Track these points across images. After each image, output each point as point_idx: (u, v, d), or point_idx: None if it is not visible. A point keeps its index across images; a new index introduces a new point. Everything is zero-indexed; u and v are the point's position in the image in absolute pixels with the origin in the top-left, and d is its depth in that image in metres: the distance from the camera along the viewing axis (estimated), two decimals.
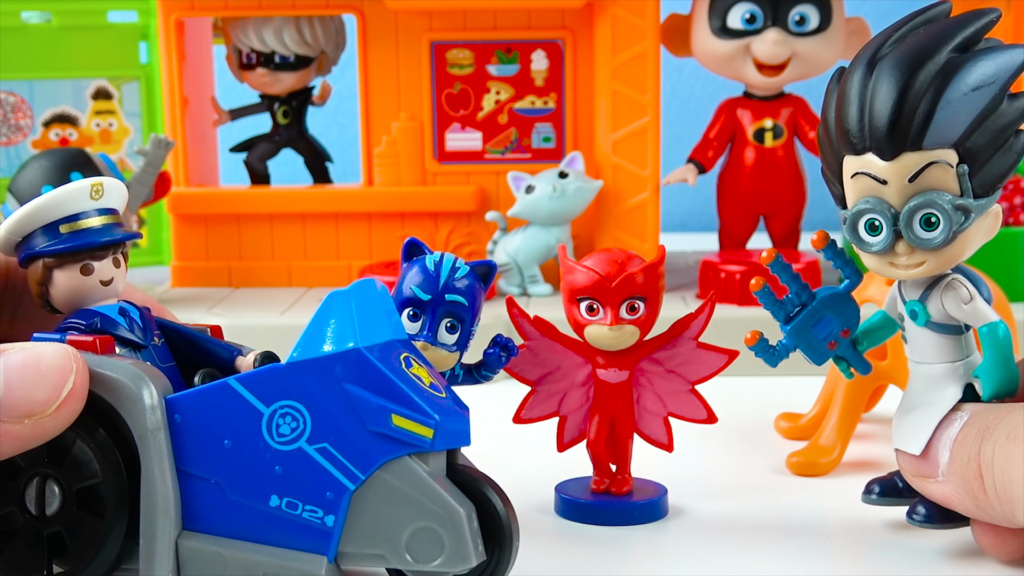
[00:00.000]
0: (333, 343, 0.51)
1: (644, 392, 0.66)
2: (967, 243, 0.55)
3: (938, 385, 0.58)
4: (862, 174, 0.55)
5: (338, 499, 0.51)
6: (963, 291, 0.56)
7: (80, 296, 0.55)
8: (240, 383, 0.52)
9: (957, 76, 0.53)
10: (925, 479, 0.57)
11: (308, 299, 1.06)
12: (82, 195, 0.54)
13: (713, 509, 0.67)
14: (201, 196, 1.12)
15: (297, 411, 0.51)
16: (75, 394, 0.51)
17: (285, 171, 1.24)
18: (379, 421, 0.50)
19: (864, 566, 0.60)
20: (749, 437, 0.79)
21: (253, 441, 0.52)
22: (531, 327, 0.66)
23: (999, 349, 0.56)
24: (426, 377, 0.53)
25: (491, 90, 1.09)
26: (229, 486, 0.52)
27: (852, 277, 0.60)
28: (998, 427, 0.54)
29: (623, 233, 1.05)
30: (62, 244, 0.54)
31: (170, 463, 0.52)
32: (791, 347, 0.60)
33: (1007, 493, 0.53)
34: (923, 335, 0.58)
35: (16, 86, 1.20)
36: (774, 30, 1.03)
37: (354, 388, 0.51)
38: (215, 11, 1.09)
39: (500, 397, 0.70)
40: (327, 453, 0.51)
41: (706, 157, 1.09)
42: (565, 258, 0.65)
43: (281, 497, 0.52)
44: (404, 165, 1.09)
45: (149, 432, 0.52)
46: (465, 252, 1.09)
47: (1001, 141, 0.54)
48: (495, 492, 0.53)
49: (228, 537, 0.52)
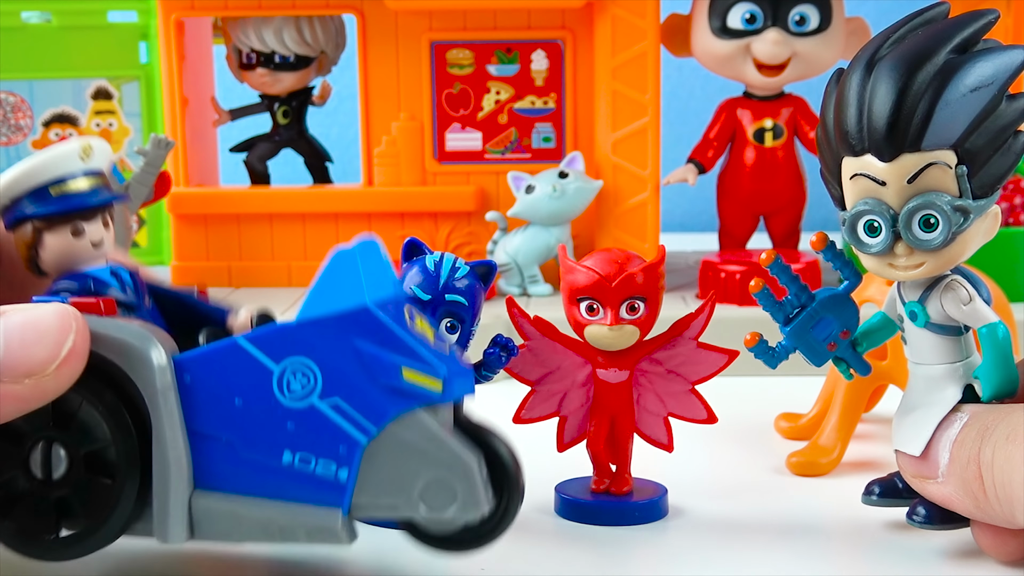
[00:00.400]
0: (342, 300, 0.51)
1: (644, 392, 0.66)
2: (966, 244, 0.55)
3: (938, 386, 0.58)
4: (861, 175, 0.55)
5: (351, 453, 0.51)
6: (962, 292, 0.56)
7: (71, 258, 0.55)
8: (250, 342, 0.52)
9: (956, 77, 0.53)
10: (925, 480, 0.57)
11: None
12: (72, 157, 0.54)
13: (713, 509, 0.67)
14: (201, 196, 1.12)
15: (308, 368, 0.51)
16: (75, 353, 0.51)
17: (285, 171, 1.24)
18: (390, 375, 0.51)
19: (864, 566, 0.60)
20: (749, 437, 0.79)
21: (264, 398, 0.52)
22: (531, 327, 0.66)
23: (998, 350, 0.56)
24: (429, 331, 0.54)
25: (491, 90, 1.09)
26: (241, 444, 0.52)
27: (851, 278, 0.60)
28: (998, 428, 0.54)
29: (623, 233, 1.05)
30: (53, 206, 0.54)
31: (181, 423, 0.52)
32: (791, 348, 0.60)
33: (1007, 494, 0.53)
34: (923, 336, 0.58)
35: (16, 86, 1.20)
36: (774, 30, 1.03)
37: (364, 343, 0.51)
38: (215, 11, 1.10)
39: (500, 397, 0.70)
40: (339, 408, 0.51)
41: (706, 157, 1.09)
42: (565, 258, 0.65)
43: (294, 453, 0.52)
44: (404, 165, 1.09)
45: (159, 393, 0.52)
46: (465, 252, 1.09)
47: (1000, 142, 0.54)
48: (499, 441, 0.54)
49: (241, 495, 0.53)
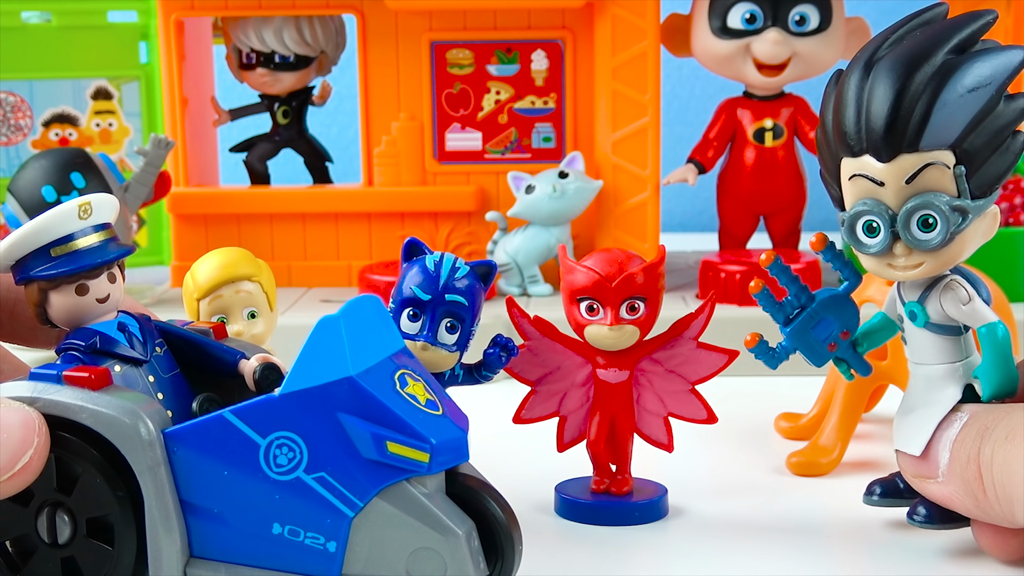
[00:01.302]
0: (325, 372, 0.51)
1: (644, 392, 0.66)
2: (965, 244, 0.55)
3: (938, 386, 0.58)
4: (859, 176, 0.55)
5: (338, 526, 0.52)
6: (962, 292, 0.56)
7: (78, 315, 0.55)
8: (236, 415, 0.52)
9: (954, 78, 0.53)
10: (925, 480, 0.57)
11: (308, 299, 1.06)
12: (70, 217, 0.54)
13: (713, 509, 0.67)
14: (201, 196, 1.12)
15: (293, 442, 0.51)
16: (30, 467, 0.51)
17: (285, 171, 1.24)
18: (374, 450, 0.51)
19: (864, 566, 0.60)
20: (749, 437, 0.79)
21: (252, 472, 0.52)
22: (531, 327, 0.66)
23: (998, 349, 0.56)
24: (422, 394, 0.53)
25: (491, 90, 1.09)
26: (231, 515, 0.52)
27: (851, 279, 0.60)
28: (997, 427, 0.54)
29: (623, 233, 1.05)
30: (54, 269, 0.54)
31: (172, 496, 0.52)
32: (791, 349, 0.60)
33: (1006, 493, 0.53)
34: (922, 336, 0.58)
35: (16, 86, 1.20)
36: (774, 30, 1.03)
37: (348, 417, 0.51)
38: (215, 11, 1.10)
39: (500, 397, 0.70)
40: (325, 482, 0.51)
41: (706, 157, 1.09)
42: (565, 258, 0.65)
43: (283, 524, 0.52)
44: (404, 165, 1.09)
45: (148, 469, 0.52)
46: (465, 252, 1.09)
47: (998, 142, 0.54)
48: (494, 501, 0.53)
49: (236, 563, 0.53)
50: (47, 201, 0.93)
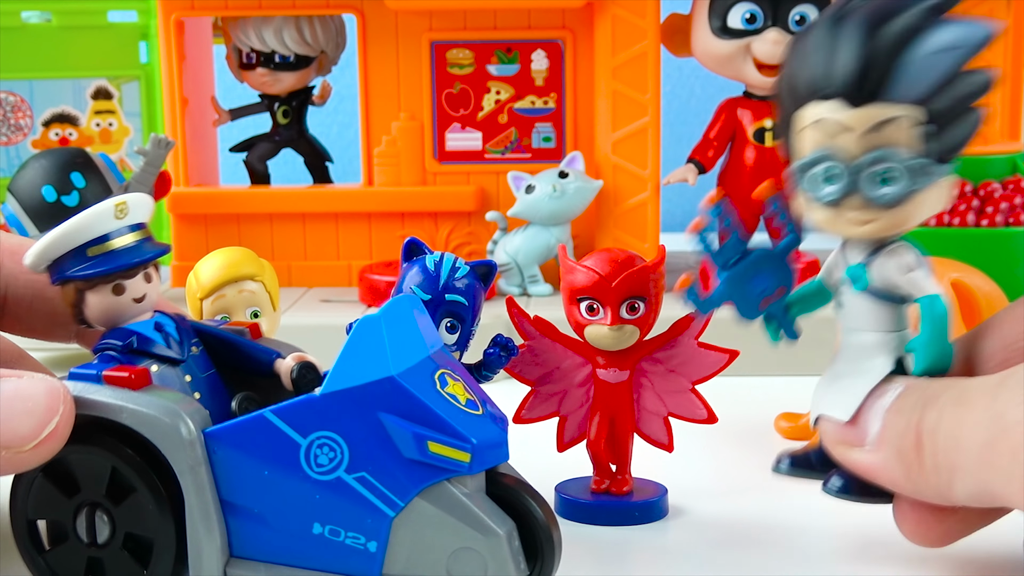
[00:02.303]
0: (366, 372, 0.51)
1: (644, 392, 0.66)
2: (919, 207, 0.54)
3: (869, 354, 0.56)
4: (825, 120, 0.54)
5: (379, 525, 0.51)
6: (909, 257, 0.55)
7: (114, 315, 0.55)
8: (277, 415, 0.52)
9: (927, 33, 0.52)
10: (850, 447, 0.55)
11: (308, 299, 1.06)
12: (106, 217, 0.54)
13: (713, 509, 0.67)
14: (201, 196, 1.12)
15: (334, 441, 0.51)
16: (57, 434, 0.52)
17: (285, 171, 1.24)
18: (415, 449, 0.51)
19: (864, 566, 0.60)
20: (749, 437, 0.79)
21: (292, 472, 0.52)
22: (531, 327, 0.66)
23: (936, 323, 0.54)
24: (462, 394, 0.53)
25: (491, 90, 1.09)
26: (271, 515, 0.52)
27: (794, 234, 0.59)
28: (945, 393, 0.52)
29: (623, 233, 1.05)
30: (91, 269, 0.54)
31: (213, 497, 0.52)
32: (725, 296, 0.58)
33: (948, 460, 0.51)
34: (860, 301, 0.56)
35: (16, 86, 1.20)
36: (774, 30, 1.03)
37: (389, 417, 0.51)
38: (215, 11, 1.10)
39: (500, 397, 0.70)
40: (366, 482, 0.51)
41: (706, 157, 1.09)
42: (565, 258, 0.65)
43: (323, 524, 0.52)
44: (404, 165, 1.09)
45: (189, 469, 0.52)
46: (465, 252, 1.09)
47: (961, 109, 0.53)
48: (535, 502, 0.53)
49: (276, 563, 0.53)
50: (47, 201, 0.93)
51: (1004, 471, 0.48)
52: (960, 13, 0.54)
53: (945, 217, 0.96)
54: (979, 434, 0.49)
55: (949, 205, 0.55)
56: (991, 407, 0.49)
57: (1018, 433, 0.48)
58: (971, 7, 1.05)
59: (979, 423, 0.49)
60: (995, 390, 0.50)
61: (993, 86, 0.54)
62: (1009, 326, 0.57)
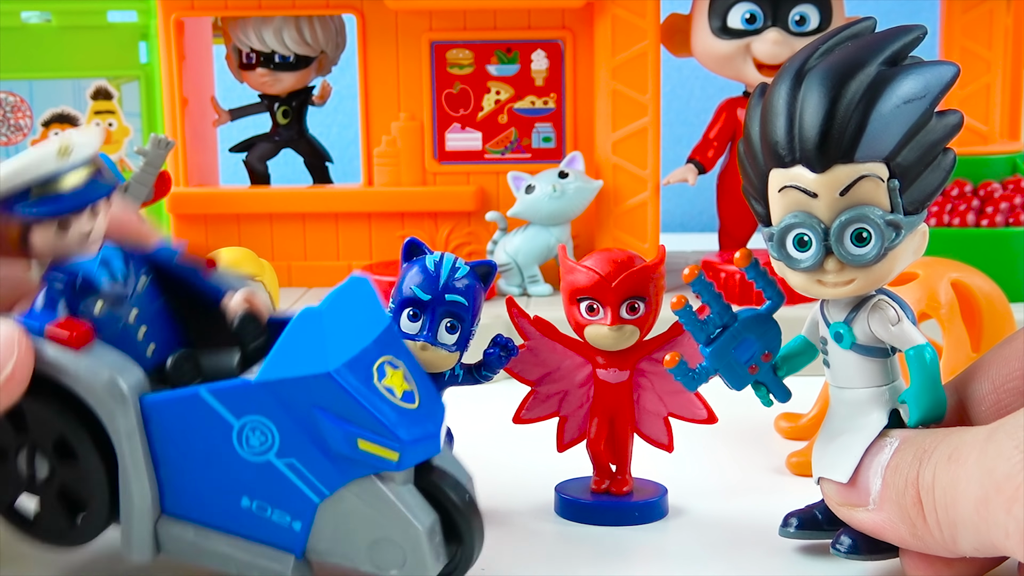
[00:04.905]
0: (304, 365, 0.51)
1: (644, 392, 0.66)
2: (896, 261, 0.53)
3: (862, 411, 0.56)
4: (791, 188, 0.53)
5: (304, 508, 0.53)
6: (891, 312, 0.54)
7: (60, 251, 0.55)
8: (212, 394, 0.52)
9: (888, 88, 0.52)
10: (854, 508, 0.55)
11: (308, 299, 1.06)
12: (49, 158, 0.54)
13: (713, 509, 0.67)
14: (201, 196, 1.12)
15: (266, 427, 0.52)
16: (14, 379, 0.52)
17: (285, 171, 1.24)
18: (345, 446, 0.51)
19: (864, 566, 0.60)
20: (749, 437, 0.79)
21: (224, 449, 0.53)
22: (531, 327, 0.66)
23: (926, 372, 0.54)
24: (399, 384, 0.53)
25: (491, 90, 1.09)
26: (202, 484, 0.53)
27: (774, 298, 0.58)
28: (937, 449, 0.52)
29: (623, 233, 1.05)
30: (34, 208, 0.54)
31: (146, 458, 0.53)
32: (711, 370, 0.58)
33: (948, 517, 0.50)
34: (847, 359, 0.56)
35: (16, 86, 1.20)
36: (774, 30, 1.03)
37: (321, 412, 0.51)
38: (215, 11, 1.10)
39: (500, 397, 0.70)
40: (294, 468, 0.52)
41: (706, 157, 1.09)
42: (565, 258, 0.65)
43: (252, 499, 0.53)
44: (404, 165, 1.09)
45: (124, 434, 0.53)
46: (465, 252, 1.09)
47: (930, 158, 0.53)
48: (455, 491, 0.54)
49: (205, 526, 0.54)
50: None
51: (1001, 526, 0.48)
52: (917, 58, 0.54)
53: (945, 217, 0.96)
54: (973, 490, 0.49)
55: (923, 250, 0.55)
56: (982, 462, 0.49)
57: (1010, 487, 0.47)
58: (971, 7, 1.06)
59: (972, 479, 0.49)
60: (984, 445, 0.49)
61: (962, 126, 0.54)
62: (997, 367, 0.57)
